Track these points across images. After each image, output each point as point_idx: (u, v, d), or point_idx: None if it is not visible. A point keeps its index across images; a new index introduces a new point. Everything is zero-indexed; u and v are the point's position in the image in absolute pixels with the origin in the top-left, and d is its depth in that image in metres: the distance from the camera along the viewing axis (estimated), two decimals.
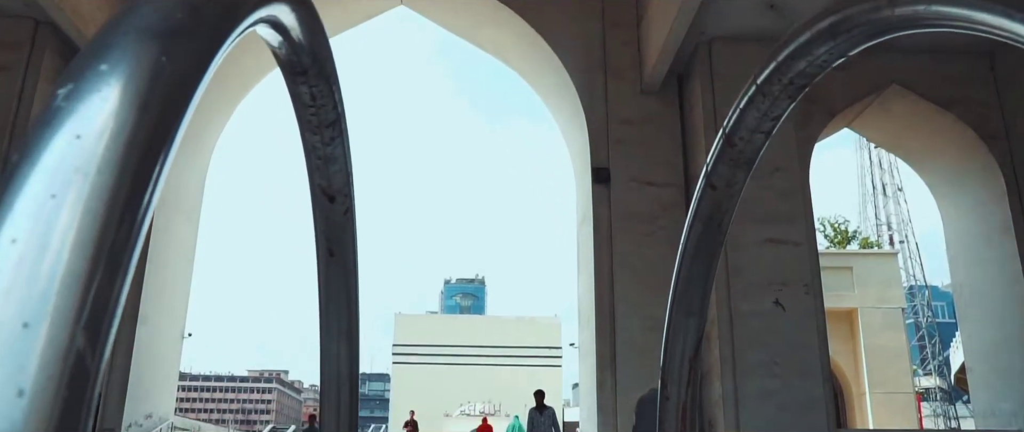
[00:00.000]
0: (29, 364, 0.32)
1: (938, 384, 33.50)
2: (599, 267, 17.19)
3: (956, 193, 18.15)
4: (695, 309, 1.34)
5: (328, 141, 1.02)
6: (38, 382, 0.32)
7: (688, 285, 1.33)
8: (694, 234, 1.29)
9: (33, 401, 0.31)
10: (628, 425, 16.20)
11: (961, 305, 18.93)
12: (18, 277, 0.32)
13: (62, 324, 0.33)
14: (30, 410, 0.32)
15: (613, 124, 17.99)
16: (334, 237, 1.27)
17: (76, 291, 0.33)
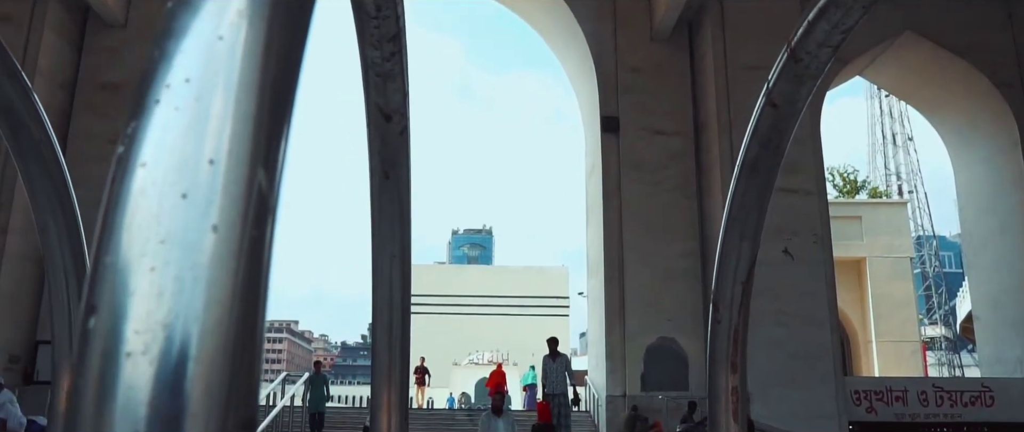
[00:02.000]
0: (219, 200, 0.31)
1: (943, 333, 33.73)
2: (608, 216, 17.20)
3: (968, 142, 18.01)
4: (749, 233, 1.34)
5: (388, 57, 1.00)
6: (229, 218, 0.31)
7: (743, 208, 1.32)
8: (750, 155, 1.28)
9: (226, 237, 0.31)
10: (636, 372, 16.38)
11: (970, 254, 18.94)
12: (197, 114, 0.32)
13: (243, 160, 0.32)
14: (224, 246, 0.31)
15: (622, 72, 17.81)
16: (389, 158, 1.26)
17: (251, 129, 0.33)
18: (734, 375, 1.41)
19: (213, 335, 0.31)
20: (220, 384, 0.31)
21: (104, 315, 0.32)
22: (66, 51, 16.40)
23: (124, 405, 0.30)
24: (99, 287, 0.31)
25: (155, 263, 0.31)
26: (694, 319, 16.72)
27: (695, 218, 17.26)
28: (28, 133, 1.26)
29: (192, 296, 0.32)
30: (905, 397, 15.84)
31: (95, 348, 0.31)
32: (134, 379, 0.30)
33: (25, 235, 15.21)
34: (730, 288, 1.38)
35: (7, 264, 14.69)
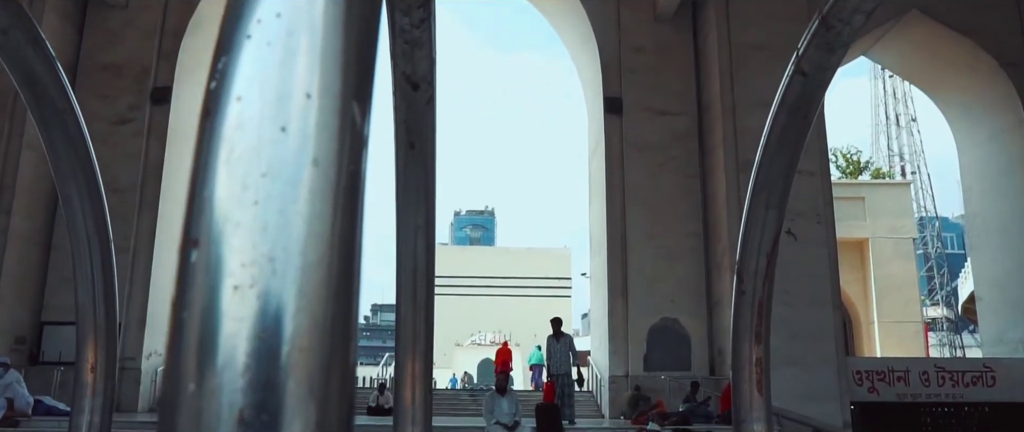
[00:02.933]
0: (318, 134, 0.31)
1: (945, 314, 33.78)
2: (611, 196, 17.18)
3: (973, 122, 17.94)
4: (775, 202, 1.33)
5: (417, 23, 0.99)
6: (328, 152, 0.31)
7: (770, 177, 1.31)
8: (778, 124, 1.27)
9: (326, 171, 0.31)
10: (639, 352, 16.43)
11: (973, 235, 18.93)
12: (290, 49, 0.32)
13: (338, 94, 0.32)
14: (324, 180, 0.31)
15: (626, 53, 17.72)
16: (415, 128, 1.25)
17: (342, 63, 0.32)
18: (758, 346, 1.41)
19: (317, 269, 0.31)
20: (324, 316, 0.31)
21: (207, 249, 0.32)
22: (68, 32, 16.34)
23: (232, 337, 0.30)
24: (200, 221, 0.31)
25: (258, 196, 0.31)
26: (697, 299, 16.75)
27: (698, 199, 17.25)
28: (51, 102, 1.26)
29: (296, 230, 0.31)
30: (907, 377, 15.89)
31: (199, 282, 0.31)
32: (242, 312, 0.30)
33: (29, 217, 15.23)
34: (755, 259, 1.37)
35: (11, 246, 14.72)
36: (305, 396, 0.30)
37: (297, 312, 0.31)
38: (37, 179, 15.45)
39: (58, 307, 15.47)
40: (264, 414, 0.29)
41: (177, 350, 0.31)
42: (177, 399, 0.30)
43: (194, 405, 0.30)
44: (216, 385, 0.29)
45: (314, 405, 0.30)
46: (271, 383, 0.30)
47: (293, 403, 0.30)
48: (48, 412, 12.36)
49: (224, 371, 0.30)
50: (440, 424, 12.98)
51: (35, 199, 15.41)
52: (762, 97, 16.37)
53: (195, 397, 0.30)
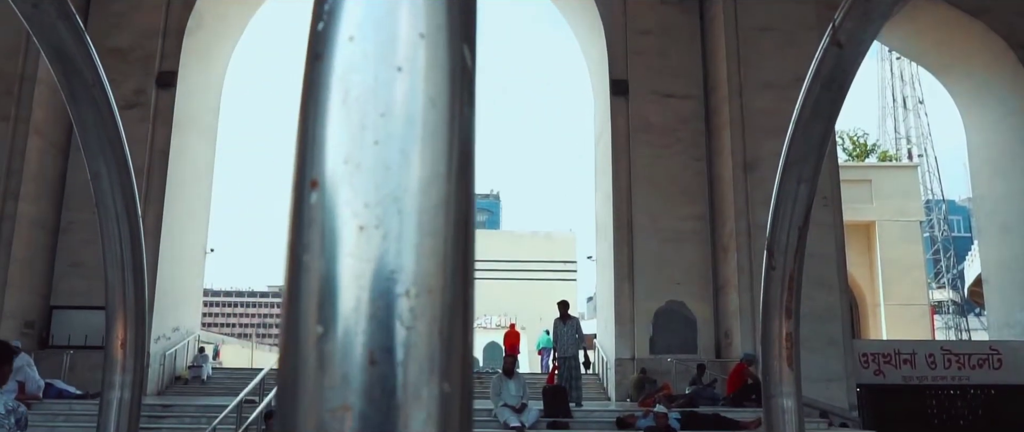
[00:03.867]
0: (433, 74, 0.31)
1: (951, 297, 33.76)
2: (617, 179, 17.17)
3: (981, 104, 17.84)
4: (807, 177, 1.32)
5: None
6: (444, 92, 0.31)
7: (802, 151, 1.30)
8: (811, 97, 1.26)
9: (442, 111, 0.31)
10: (645, 335, 16.47)
11: (980, 217, 18.88)
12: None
13: (451, 35, 0.31)
14: (442, 120, 0.31)
15: (632, 35, 17.64)
16: None
17: (447, 2, 0.32)
18: (788, 321, 1.41)
19: (439, 210, 0.31)
20: (445, 257, 0.31)
21: (328, 189, 0.31)
22: None
23: (359, 278, 0.30)
24: (319, 162, 0.31)
25: (378, 136, 0.31)
26: (703, 282, 16.75)
27: (704, 181, 17.22)
28: (81, 78, 1.25)
29: (418, 170, 0.31)
30: (913, 360, 15.91)
31: (322, 222, 0.31)
32: (370, 252, 0.30)
33: (36, 202, 15.27)
34: (786, 233, 1.36)
35: (19, 231, 14.77)
36: (434, 337, 0.30)
37: (424, 253, 0.31)
38: (43, 164, 15.48)
39: (67, 291, 15.54)
40: (394, 355, 0.29)
41: (298, 292, 0.31)
42: (301, 342, 0.30)
43: (321, 348, 0.30)
44: (344, 327, 0.29)
45: (441, 346, 0.30)
46: (402, 324, 0.30)
47: (422, 345, 0.30)
48: (59, 395, 12.44)
49: (353, 313, 0.29)
50: None
51: (42, 184, 15.44)
52: (768, 79, 16.34)
53: (322, 340, 0.30)
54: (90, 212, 8.89)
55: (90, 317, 15.38)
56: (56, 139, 15.77)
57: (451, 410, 0.30)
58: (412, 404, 0.29)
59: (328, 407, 0.29)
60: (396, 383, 0.29)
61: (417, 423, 0.29)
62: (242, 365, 22.65)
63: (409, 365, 0.29)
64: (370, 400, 0.29)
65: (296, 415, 0.30)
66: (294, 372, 0.31)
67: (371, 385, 0.29)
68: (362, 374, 0.29)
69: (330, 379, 0.29)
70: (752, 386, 13.61)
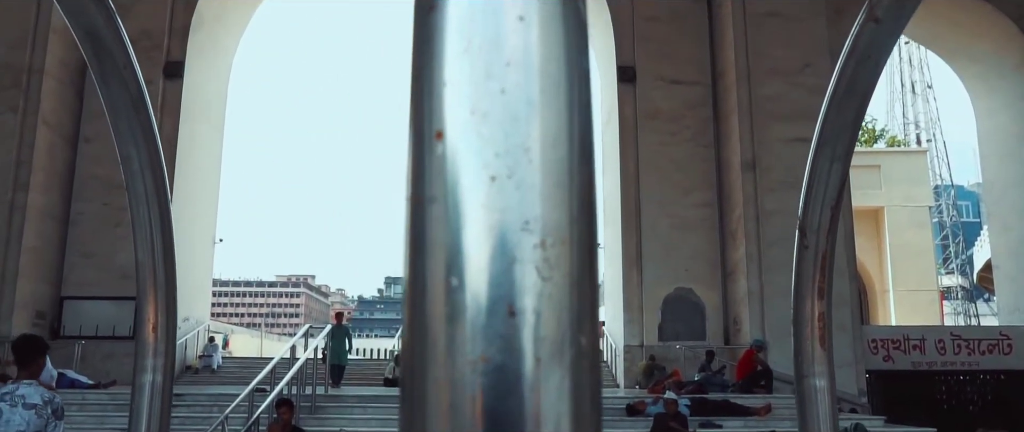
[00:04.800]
0: (552, 25, 0.31)
1: (960, 283, 33.68)
2: (624, 166, 17.15)
3: (992, 88, 17.73)
4: (840, 155, 1.31)
5: None
6: (561, 44, 0.31)
7: (836, 129, 1.29)
8: (846, 74, 1.25)
9: (562, 64, 0.31)
10: (654, 322, 16.49)
11: (990, 202, 18.80)
12: None
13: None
14: (562, 72, 0.31)
15: (639, 21, 17.58)
16: None
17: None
18: (821, 301, 1.40)
19: (566, 161, 0.31)
20: (574, 207, 0.31)
21: (455, 139, 0.31)
22: None
23: (494, 228, 0.30)
24: (443, 111, 0.30)
25: (504, 85, 0.30)
26: (711, 269, 16.75)
27: (712, 167, 17.18)
28: (112, 59, 1.25)
29: (546, 120, 0.31)
30: (923, 346, 15.89)
31: (450, 173, 0.31)
32: (503, 203, 0.30)
33: (45, 193, 15.33)
34: (819, 213, 1.36)
35: (29, 221, 14.83)
36: (570, 289, 0.30)
37: (556, 204, 0.31)
38: (52, 156, 15.52)
39: (77, 282, 15.62)
40: (532, 306, 0.29)
41: (425, 245, 0.30)
42: (431, 295, 0.30)
43: (455, 300, 0.30)
44: (480, 279, 0.29)
45: (576, 298, 0.30)
46: (540, 275, 0.30)
47: (559, 296, 0.30)
48: (71, 385, 12.52)
49: (490, 264, 0.29)
50: None
51: (51, 175, 15.49)
52: (776, 65, 16.24)
53: (457, 292, 0.30)
54: (99, 203, 8.98)
55: (101, 307, 15.48)
56: (64, 130, 15.82)
57: (587, 363, 0.30)
58: (552, 356, 0.29)
59: (466, 359, 0.29)
60: (536, 335, 0.29)
61: (556, 376, 0.29)
62: (251, 354, 22.75)
63: (548, 317, 0.29)
64: (509, 352, 0.29)
65: (426, 367, 0.30)
66: (424, 325, 0.30)
67: (510, 337, 0.29)
68: (501, 326, 0.29)
69: (466, 331, 0.29)
70: (761, 372, 13.63)
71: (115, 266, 15.59)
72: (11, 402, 3.90)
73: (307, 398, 11.56)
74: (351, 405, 12.30)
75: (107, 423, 10.85)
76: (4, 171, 14.71)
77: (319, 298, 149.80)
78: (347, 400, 12.62)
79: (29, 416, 3.87)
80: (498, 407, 0.28)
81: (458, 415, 0.29)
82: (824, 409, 1.42)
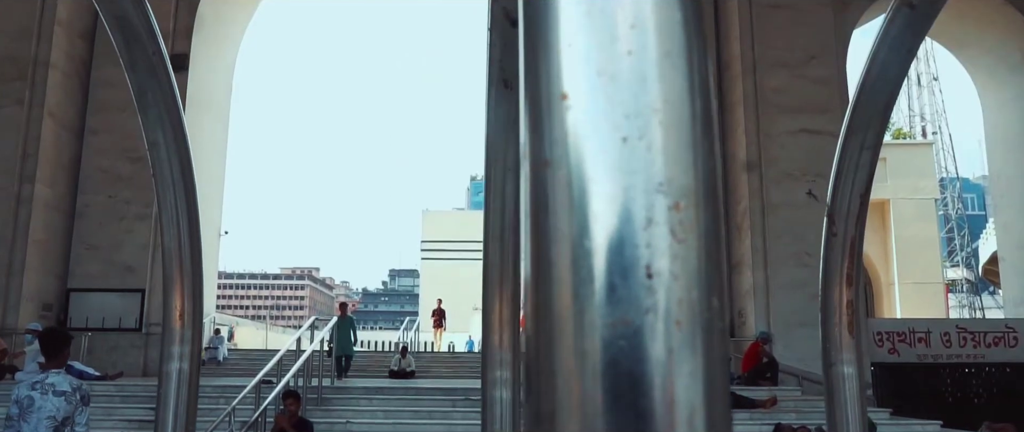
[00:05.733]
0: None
1: (965, 276, 33.61)
2: None
3: (999, 81, 17.67)
4: (870, 143, 1.31)
5: None
6: (681, 3, 0.30)
7: (866, 117, 1.29)
8: (878, 60, 1.24)
9: (685, 24, 0.30)
10: None
11: (996, 195, 18.76)
12: None
13: None
14: (685, 33, 0.31)
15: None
16: (510, 66, 1.24)
17: None
18: (849, 289, 1.40)
19: (693, 123, 0.31)
20: (703, 170, 0.31)
21: (582, 101, 0.31)
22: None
23: (629, 190, 0.30)
24: (568, 73, 0.30)
25: (631, 47, 0.30)
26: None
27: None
28: (142, 46, 1.25)
29: (673, 82, 0.31)
30: (928, 338, 15.87)
31: (579, 134, 0.30)
32: (635, 164, 0.30)
33: (51, 185, 15.35)
34: (848, 200, 1.35)
35: (36, 214, 14.86)
36: (703, 252, 0.30)
37: (687, 166, 0.31)
38: (58, 148, 15.54)
39: (83, 274, 15.66)
40: (669, 268, 0.29)
41: (551, 207, 0.30)
42: (559, 257, 0.30)
43: (588, 263, 0.29)
44: (616, 240, 0.29)
45: (709, 260, 0.30)
46: (675, 237, 0.30)
47: (694, 258, 0.30)
48: (79, 377, 12.52)
49: (625, 225, 0.29)
50: (464, 386, 13.12)
51: (57, 168, 15.52)
52: (782, 57, 16.22)
53: (589, 254, 0.29)
54: (104, 196, 8.99)
55: (107, 299, 15.53)
56: (69, 123, 15.83)
57: (719, 326, 0.30)
58: (690, 319, 0.29)
59: (604, 322, 0.29)
60: (674, 297, 0.29)
61: (693, 338, 0.29)
62: (257, 347, 22.82)
63: (684, 279, 0.29)
64: (648, 313, 0.29)
65: (555, 334, 0.30)
66: (550, 291, 0.30)
67: (648, 298, 0.29)
68: (639, 288, 0.29)
69: (602, 294, 0.29)
70: (767, 365, 13.63)
71: (120, 259, 15.64)
72: (42, 390, 4.22)
73: (313, 390, 11.59)
74: (357, 397, 12.32)
75: (115, 414, 10.90)
76: (10, 164, 14.74)
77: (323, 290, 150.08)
78: (353, 392, 12.65)
79: (59, 403, 4.19)
80: (636, 369, 0.28)
81: (594, 379, 0.28)
82: (852, 396, 1.42)
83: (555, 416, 0.29)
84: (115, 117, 16.04)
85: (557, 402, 0.29)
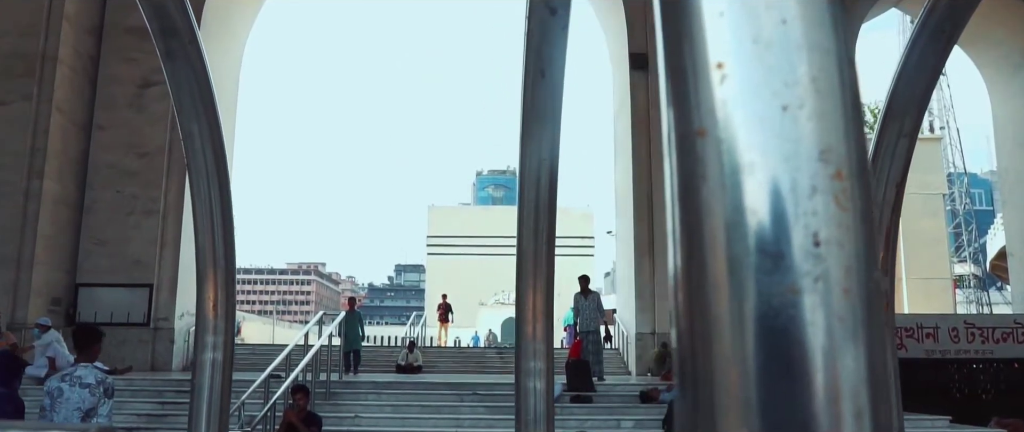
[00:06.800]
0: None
1: (973, 271, 33.53)
2: (637, 154, 17.11)
3: (1008, 76, 17.59)
4: (908, 131, 1.30)
5: None
6: None
7: (904, 105, 1.28)
8: (916, 49, 1.23)
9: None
10: (666, 310, 16.48)
11: (1005, 190, 18.69)
12: None
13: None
14: (825, 2, 0.30)
15: (651, 8, 17.40)
16: (548, 55, 1.23)
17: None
18: (885, 278, 1.40)
19: (842, 91, 0.31)
20: (854, 135, 0.31)
21: (737, 69, 0.31)
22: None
23: (791, 158, 0.30)
24: (722, 42, 0.30)
25: (785, 16, 0.30)
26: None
27: None
28: (179, 36, 1.25)
29: (824, 51, 0.31)
30: (936, 333, 15.84)
31: (736, 102, 0.30)
32: (796, 132, 0.30)
33: (59, 180, 15.39)
34: (884, 189, 1.35)
35: (44, 208, 14.90)
36: (866, 222, 0.30)
37: (845, 134, 0.30)
38: (66, 143, 15.58)
39: (92, 269, 15.71)
40: (835, 237, 0.29)
41: (704, 176, 0.30)
42: (710, 226, 0.30)
43: (752, 231, 0.29)
44: (781, 208, 0.29)
45: (870, 227, 0.30)
46: (839, 206, 0.30)
47: (858, 228, 0.30)
48: None
49: (790, 194, 0.29)
50: (471, 381, 13.14)
51: (65, 163, 15.56)
52: None
53: (748, 223, 0.29)
54: (112, 191, 9.02)
55: (115, 294, 15.58)
56: (77, 118, 15.87)
57: (882, 295, 0.30)
58: (856, 286, 0.29)
59: (771, 291, 0.28)
60: (842, 265, 0.29)
61: (859, 305, 0.29)
62: (264, 341, 22.88)
63: (850, 247, 0.29)
64: (816, 281, 0.28)
65: (711, 306, 0.30)
66: (704, 260, 0.30)
67: (817, 267, 0.29)
68: (806, 257, 0.29)
69: (769, 263, 0.29)
70: None
71: (128, 253, 15.69)
72: (71, 382, 4.52)
73: (322, 384, 11.62)
74: (365, 391, 12.35)
75: (125, 408, 10.94)
76: (19, 159, 14.79)
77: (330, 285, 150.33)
78: (361, 387, 12.69)
79: (84, 394, 4.47)
80: (805, 337, 0.28)
81: (758, 350, 0.28)
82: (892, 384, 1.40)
83: (714, 398, 0.29)
84: (123, 113, 16.07)
85: (715, 382, 0.29)
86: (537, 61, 1.20)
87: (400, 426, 10.85)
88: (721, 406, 0.29)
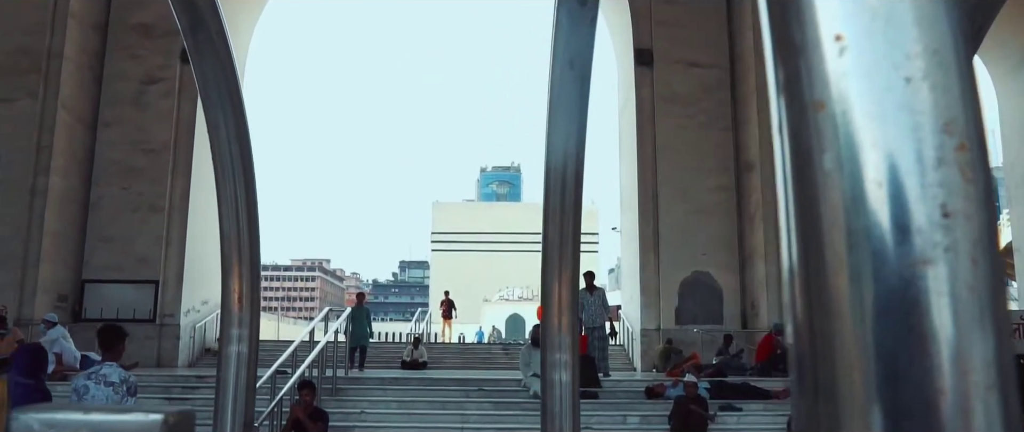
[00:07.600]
0: None
1: None
2: (642, 150, 17.09)
3: (1013, 72, 17.54)
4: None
5: None
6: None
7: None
8: None
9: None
10: (671, 306, 16.48)
11: (1011, 186, 18.64)
12: None
13: None
14: None
15: (656, 4, 17.44)
16: (576, 46, 1.23)
17: None
18: None
19: (957, 64, 0.31)
20: (972, 107, 0.31)
21: (858, 43, 0.31)
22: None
23: (916, 130, 0.30)
24: (841, 16, 0.31)
25: None
26: (729, 253, 16.70)
27: (730, 151, 17.11)
28: (206, 30, 1.26)
29: (940, 23, 0.31)
30: None
31: (858, 74, 0.31)
32: (920, 104, 0.30)
33: (65, 177, 15.42)
34: None
35: (51, 205, 14.94)
36: (987, 195, 0.30)
37: (964, 107, 0.31)
38: (72, 140, 15.60)
39: (98, 266, 15.74)
40: (962, 209, 0.29)
41: (821, 149, 0.30)
42: (830, 200, 0.30)
43: (871, 204, 0.29)
44: (908, 181, 0.29)
45: (989, 203, 0.30)
46: (964, 178, 0.30)
47: (980, 200, 0.30)
48: None
49: (916, 166, 0.29)
50: (477, 377, 13.15)
51: (71, 160, 15.58)
52: None
53: (873, 195, 0.29)
54: (118, 187, 9.05)
55: (121, 291, 15.62)
56: (83, 115, 15.89)
57: (1001, 265, 0.30)
58: (984, 258, 0.29)
59: (902, 263, 0.29)
60: (970, 236, 0.29)
61: (986, 275, 0.29)
62: (269, 337, 22.91)
63: (977, 218, 0.29)
64: (946, 253, 0.29)
65: (829, 280, 0.30)
66: (821, 235, 0.30)
67: (947, 237, 0.29)
68: (936, 228, 0.29)
69: (897, 235, 0.29)
70: (781, 356, 13.60)
71: (134, 250, 15.72)
72: (96, 380, 4.70)
73: (328, 380, 11.63)
74: (371, 387, 12.37)
75: None
76: (25, 156, 14.82)
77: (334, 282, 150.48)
78: (367, 382, 12.71)
79: (108, 392, 4.64)
80: (935, 310, 0.28)
81: (887, 325, 0.28)
82: None
83: (837, 377, 0.29)
84: (128, 109, 16.09)
85: (836, 350, 0.29)
86: (565, 52, 1.20)
87: (406, 422, 10.86)
88: (844, 379, 0.29)
